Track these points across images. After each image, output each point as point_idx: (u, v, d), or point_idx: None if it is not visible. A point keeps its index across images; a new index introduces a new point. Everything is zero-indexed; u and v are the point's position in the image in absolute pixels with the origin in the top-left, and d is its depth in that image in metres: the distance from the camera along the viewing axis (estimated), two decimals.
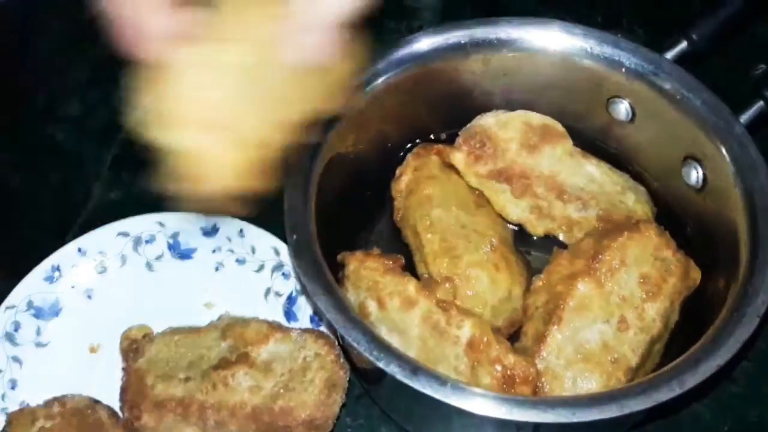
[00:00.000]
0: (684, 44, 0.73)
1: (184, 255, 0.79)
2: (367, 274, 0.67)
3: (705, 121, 0.68)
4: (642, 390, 0.55)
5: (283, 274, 0.78)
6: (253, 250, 0.79)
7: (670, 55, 0.72)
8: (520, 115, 0.75)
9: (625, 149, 0.76)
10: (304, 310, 0.76)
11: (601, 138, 0.76)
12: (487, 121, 0.75)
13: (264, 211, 0.82)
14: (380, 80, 0.72)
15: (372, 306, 0.66)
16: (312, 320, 0.75)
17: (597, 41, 0.72)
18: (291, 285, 0.77)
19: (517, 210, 0.73)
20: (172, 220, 0.79)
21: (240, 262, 0.79)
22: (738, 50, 0.89)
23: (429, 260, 0.70)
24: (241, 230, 0.79)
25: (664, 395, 0.55)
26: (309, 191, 0.66)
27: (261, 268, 0.78)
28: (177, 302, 0.78)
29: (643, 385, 0.55)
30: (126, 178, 0.87)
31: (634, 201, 0.73)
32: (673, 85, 0.70)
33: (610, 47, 0.72)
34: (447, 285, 0.66)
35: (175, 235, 0.79)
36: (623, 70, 0.71)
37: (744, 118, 0.69)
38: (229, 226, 0.79)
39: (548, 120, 0.75)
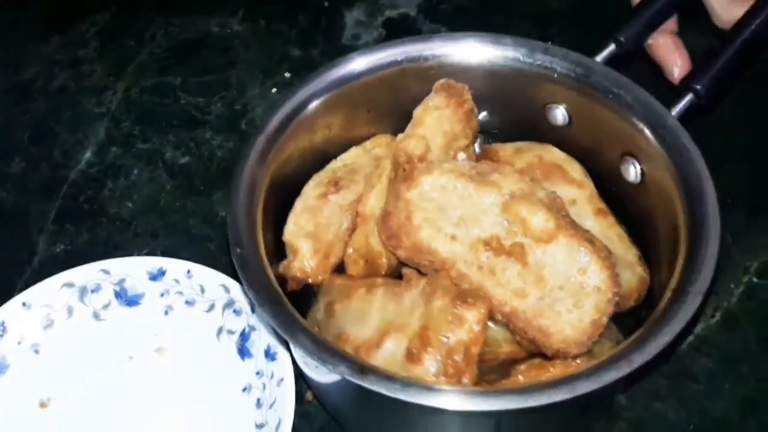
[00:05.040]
0: (612, 47, 0.74)
1: (132, 301, 0.78)
2: (341, 282, 0.68)
3: (638, 116, 0.68)
4: (592, 372, 0.54)
5: (234, 311, 0.76)
6: (202, 290, 0.77)
7: (599, 58, 0.73)
8: (540, 147, 0.73)
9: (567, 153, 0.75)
10: (257, 345, 0.75)
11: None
12: (506, 148, 0.74)
13: (210, 250, 0.83)
14: (320, 100, 0.71)
15: (339, 304, 0.65)
16: (267, 354, 0.74)
17: (528, 50, 0.72)
18: (243, 322, 0.76)
19: None
20: (116, 266, 0.78)
21: (189, 303, 0.77)
22: None
23: None
24: (188, 271, 0.77)
25: (613, 375, 0.54)
26: (253, 204, 0.66)
27: (211, 307, 0.77)
28: (127, 350, 0.76)
29: (592, 369, 0.54)
30: (70, 230, 0.86)
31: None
32: (604, 86, 0.70)
33: (540, 55, 0.72)
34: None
35: (121, 282, 0.77)
36: (555, 75, 0.72)
37: (675, 111, 0.69)
38: (176, 267, 0.78)
39: (566, 162, 0.73)
